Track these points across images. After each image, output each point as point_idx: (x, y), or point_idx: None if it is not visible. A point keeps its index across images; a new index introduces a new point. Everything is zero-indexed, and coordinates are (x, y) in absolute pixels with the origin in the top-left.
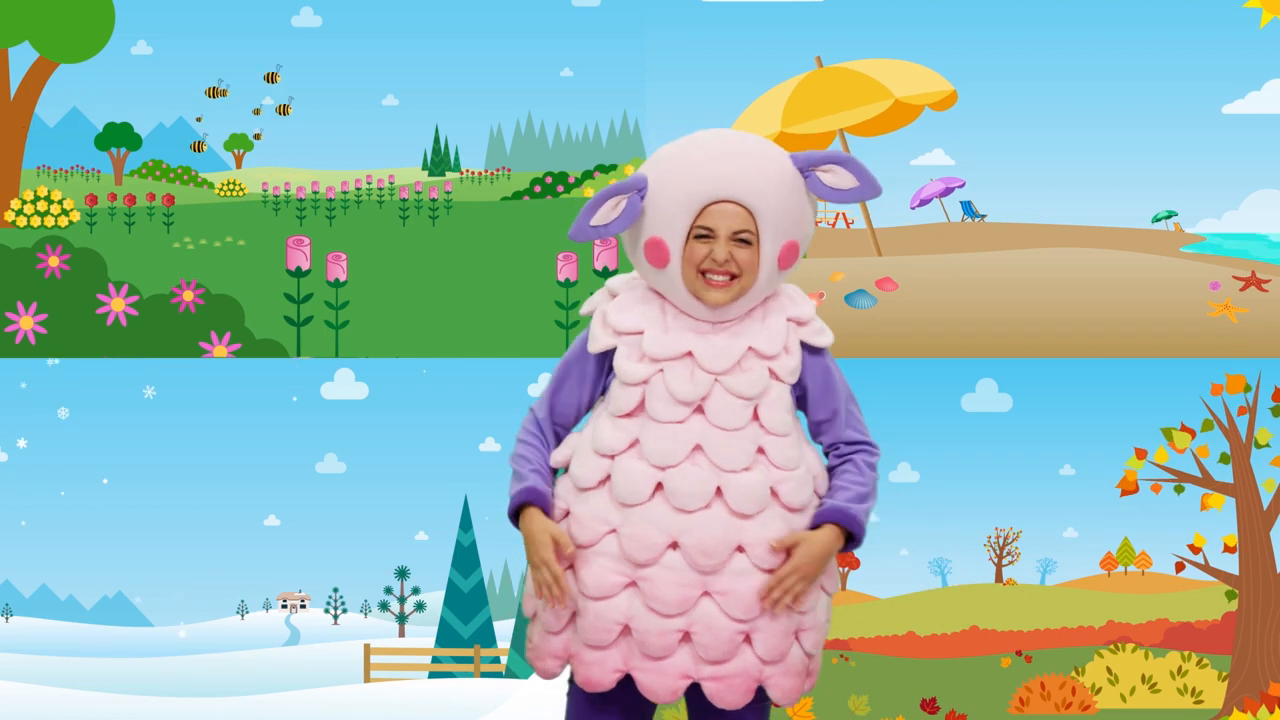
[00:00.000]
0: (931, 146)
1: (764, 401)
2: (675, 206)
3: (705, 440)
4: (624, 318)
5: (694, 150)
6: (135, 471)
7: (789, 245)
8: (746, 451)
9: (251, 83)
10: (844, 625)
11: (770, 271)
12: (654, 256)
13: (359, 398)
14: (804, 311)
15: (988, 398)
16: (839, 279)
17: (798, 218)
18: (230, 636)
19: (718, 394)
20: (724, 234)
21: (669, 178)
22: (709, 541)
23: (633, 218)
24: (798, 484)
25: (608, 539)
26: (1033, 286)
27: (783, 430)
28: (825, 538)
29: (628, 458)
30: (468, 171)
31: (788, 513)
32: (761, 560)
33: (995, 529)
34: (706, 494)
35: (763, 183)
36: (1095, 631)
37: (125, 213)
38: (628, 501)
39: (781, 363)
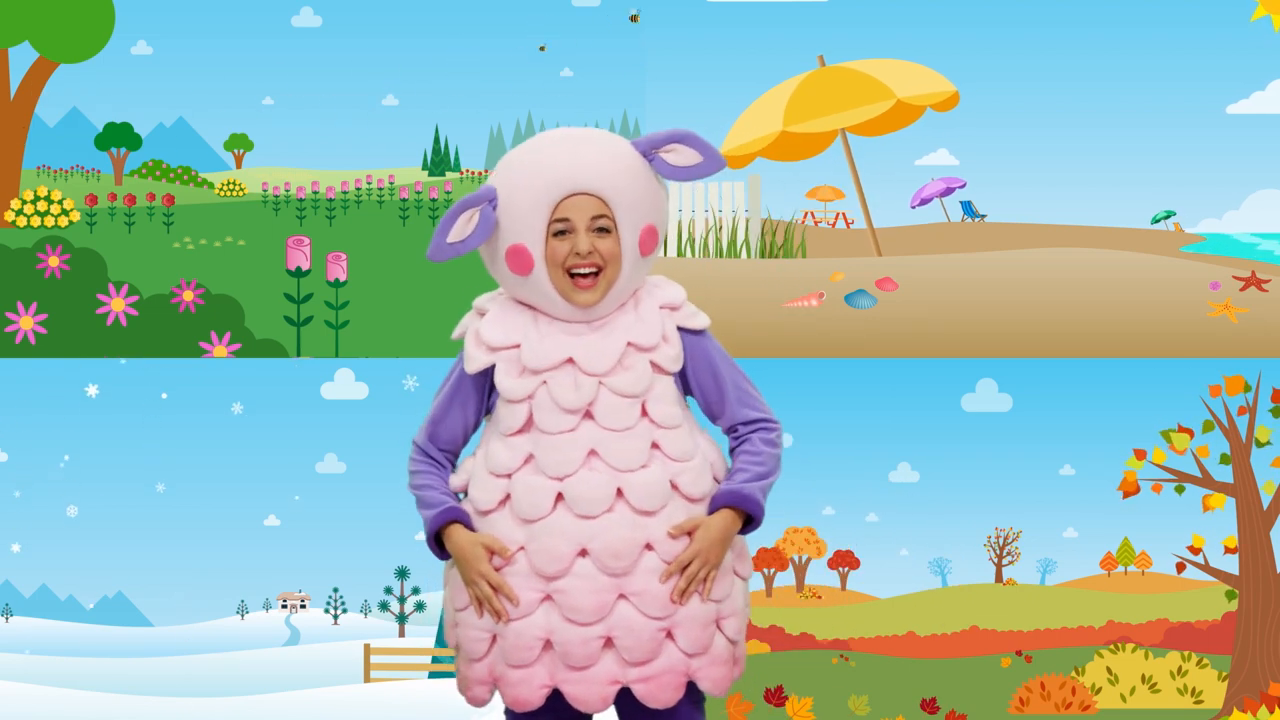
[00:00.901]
0: (936, 146)
1: (651, 396)
2: (528, 208)
3: (599, 444)
4: (496, 333)
5: (539, 150)
6: (135, 471)
7: (647, 230)
8: (641, 449)
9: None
10: (844, 625)
11: (633, 259)
12: (516, 264)
13: (359, 398)
14: (674, 296)
15: (988, 398)
16: (839, 279)
17: (651, 201)
18: (230, 636)
19: (604, 396)
20: (582, 224)
21: (518, 182)
22: (616, 544)
23: (488, 229)
24: (696, 474)
25: (516, 557)
26: (1033, 286)
27: (673, 422)
28: (722, 521)
29: (524, 474)
30: (468, 171)
31: (690, 504)
32: (670, 555)
33: (995, 529)
34: (608, 497)
35: (611, 169)
36: (1095, 631)
37: (125, 213)
38: (530, 517)
39: (662, 353)
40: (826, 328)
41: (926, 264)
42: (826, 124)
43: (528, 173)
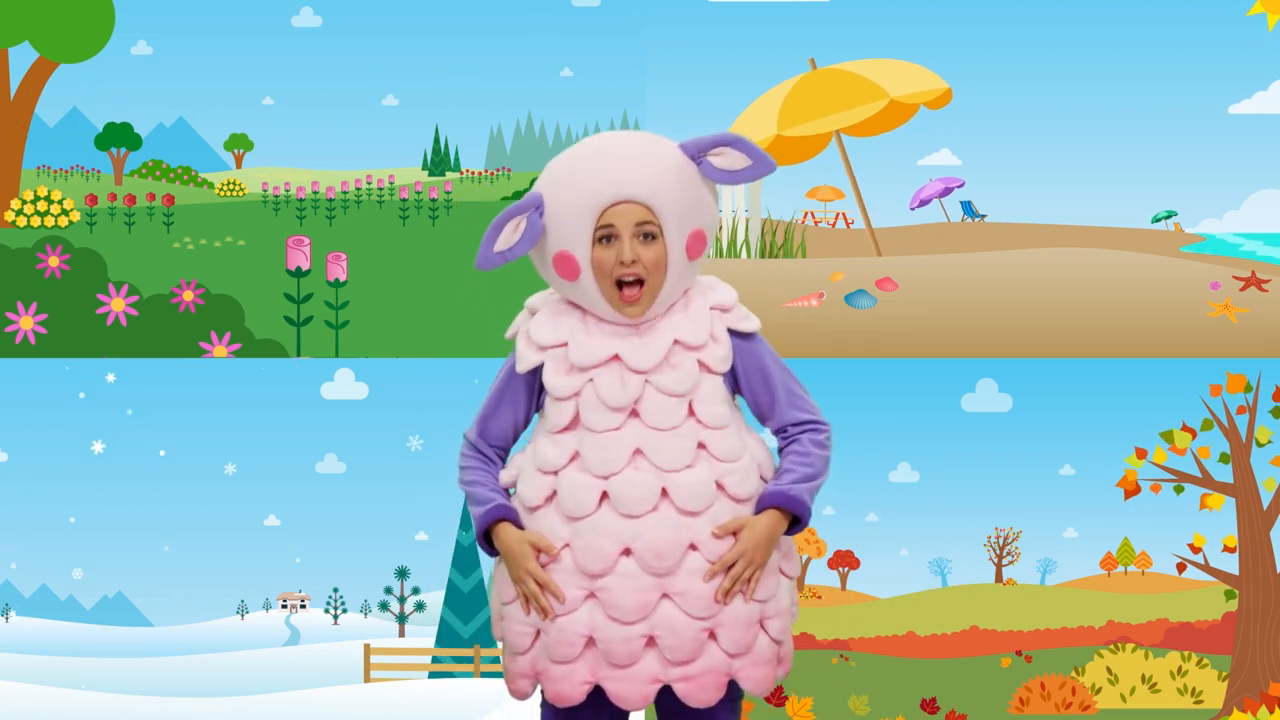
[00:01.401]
0: (938, 146)
1: (698, 396)
2: (574, 216)
3: (644, 443)
4: (546, 332)
5: (584, 157)
6: (135, 471)
7: (695, 234)
8: (687, 449)
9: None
10: (844, 625)
11: (680, 264)
12: (564, 270)
13: (359, 398)
14: (726, 297)
15: (988, 398)
16: (839, 279)
17: (699, 205)
18: (230, 636)
19: (650, 395)
20: (627, 231)
21: (564, 189)
22: (660, 544)
23: (535, 237)
24: (743, 475)
25: (562, 554)
26: (1033, 286)
27: (720, 422)
28: (768, 521)
29: (570, 471)
30: (468, 171)
31: (736, 504)
32: (715, 555)
33: (995, 529)
34: (652, 497)
35: (657, 176)
36: (1095, 631)
37: (125, 213)
38: (575, 514)
39: (710, 352)
40: (826, 328)
41: (926, 264)
42: (821, 126)
43: (572, 180)
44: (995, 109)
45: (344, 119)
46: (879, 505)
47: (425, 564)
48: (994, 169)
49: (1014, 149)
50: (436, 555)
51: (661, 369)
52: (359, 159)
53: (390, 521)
